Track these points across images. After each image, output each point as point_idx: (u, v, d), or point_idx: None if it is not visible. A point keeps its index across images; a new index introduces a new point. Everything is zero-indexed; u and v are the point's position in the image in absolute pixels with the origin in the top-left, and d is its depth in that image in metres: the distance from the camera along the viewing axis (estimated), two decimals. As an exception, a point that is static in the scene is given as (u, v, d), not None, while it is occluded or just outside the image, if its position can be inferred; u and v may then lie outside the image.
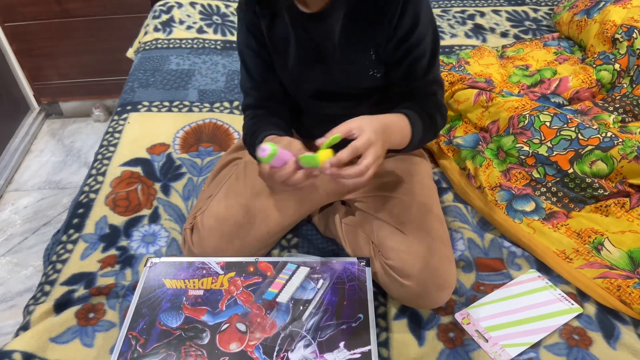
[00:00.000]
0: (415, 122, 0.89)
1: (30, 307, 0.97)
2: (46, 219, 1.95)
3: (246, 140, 1.01)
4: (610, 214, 1.07)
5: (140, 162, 1.30)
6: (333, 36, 0.91)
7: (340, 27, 0.90)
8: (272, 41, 0.95)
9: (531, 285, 1.01)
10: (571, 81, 1.35)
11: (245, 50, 0.98)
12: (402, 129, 0.88)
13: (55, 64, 2.31)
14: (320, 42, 0.92)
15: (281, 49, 0.95)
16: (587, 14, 1.54)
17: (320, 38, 0.92)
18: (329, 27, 0.90)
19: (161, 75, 1.62)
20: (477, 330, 0.93)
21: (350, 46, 0.92)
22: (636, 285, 0.94)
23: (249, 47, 0.97)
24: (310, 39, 0.92)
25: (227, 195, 1.01)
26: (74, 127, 2.46)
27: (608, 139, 1.10)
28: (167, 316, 0.88)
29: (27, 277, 1.73)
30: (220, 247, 0.98)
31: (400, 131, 0.87)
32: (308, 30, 0.92)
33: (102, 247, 1.08)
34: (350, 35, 0.91)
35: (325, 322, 0.87)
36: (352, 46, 0.92)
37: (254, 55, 0.98)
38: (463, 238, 1.10)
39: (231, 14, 1.91)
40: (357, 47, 0.92)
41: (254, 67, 0.99)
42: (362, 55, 0.92)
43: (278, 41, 0.95)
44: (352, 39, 0.91)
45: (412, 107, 0.91)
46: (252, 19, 0.94)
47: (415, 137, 0.89)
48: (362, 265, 0.97)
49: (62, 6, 2.12)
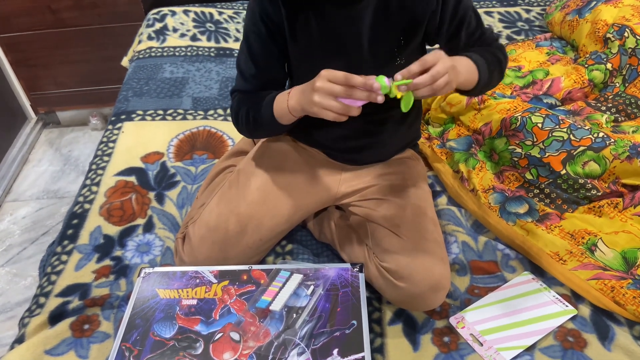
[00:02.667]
0: (478, 60, 0.89)
1: (25, 320, 0.97)
2: (45, 228, 1.96)
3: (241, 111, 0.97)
4: (604, 214, 1.07)
5: (134, 171, 1.30)
6: (361, 23, 0.89)
7: (373, 10, 0.88)
8: (293, 32, 0.92)
9: (525, 287, 1.01)
10: (563, 82, 1.35)
11: (251, 35, 0.94)
12: (467, 65, 0.87)
13: (52, 73, 2.32)
14: (347, 30, 0.90)
15: (303, 40, 0.92)
16: (579, 13, 1.54)
17: (347, 26, 0.90)
18: (358, 14, 0.88)
19: (155, 83, 1.62)
20: (471, 334, 0.93)
21: (379, 33, 0.90)
22: (630, 286, 0.94)
23: (257, 34, 0.93)
24: (336, 27, 0.90)
25: (219, 204, 1.01)
26: (72, 136, 2.47)
27: (600, 139, 1.10)
28: (160, 327, 0.88)
29: (26, 287, 1.73)
30: (212, 257, 0.98)
31: (466, 66, 0.87)
32: (334, 18, 0.89)
33: (96, 257, 1.08)
34: (381, 22, 0.89)
35: (318, 329, 0.87)
36: (381, 33, 0.90)
37: (261, 42, 0.93)
38: (457, 241, 1.11)
39: (224, 21, 1.92)
40: (386, 34, 0.90)
41: (259, 53, 0.94)
42: (391, 43, 0.91)
43: (300, 32, 0.91)
44: (382, 26, 0.90)
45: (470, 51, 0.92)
46: (268, 7, 0.90)
47: (482, 73, 0.88)
48: (355, 271, 0.97)
49: (57, 16, 2.13)
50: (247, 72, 0.96)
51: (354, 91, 0.76)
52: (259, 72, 0.96)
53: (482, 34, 0.96)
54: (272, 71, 0.97)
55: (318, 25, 0.90)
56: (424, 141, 1.31)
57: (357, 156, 1.06)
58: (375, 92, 0.76)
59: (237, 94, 1.00)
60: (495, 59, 0.94)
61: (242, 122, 0.97)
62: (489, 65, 0.91)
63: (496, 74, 0.95)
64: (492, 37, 0.99)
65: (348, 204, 1.08)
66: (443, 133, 1.33)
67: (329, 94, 0.77)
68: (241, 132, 1.02)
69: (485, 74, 0.89)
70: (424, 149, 1.30)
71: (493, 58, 0.93)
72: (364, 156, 1.07)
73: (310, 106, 0.79)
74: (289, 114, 0.87)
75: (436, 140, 1.31)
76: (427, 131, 1.36)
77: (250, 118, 0.95)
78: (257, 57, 0.95)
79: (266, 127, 0.95)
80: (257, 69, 0.95)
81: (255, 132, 1.03)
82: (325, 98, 0.77)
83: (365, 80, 0.75)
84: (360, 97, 0.77)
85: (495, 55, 0.95)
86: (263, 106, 0.92)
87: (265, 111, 0.91)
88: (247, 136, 1.08)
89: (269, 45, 0.94)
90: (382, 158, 1.09)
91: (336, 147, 1.06)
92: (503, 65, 0.97)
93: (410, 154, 1.13)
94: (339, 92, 0.76)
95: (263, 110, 0.92)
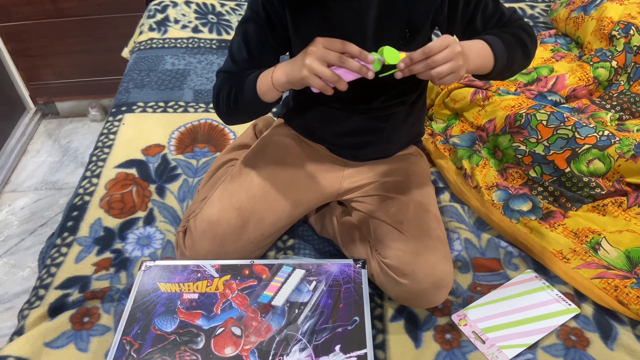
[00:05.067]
0: (494, 41, 0.84)
1: (24, 312, 0.96)
2: (43, 219, 1.94)
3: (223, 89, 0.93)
4: (608, 213, 1.06)
5: (135, 163, 1.29)
6: (366, 16, 0.88)
7: (378, 3, 0.87)
8: (296, 23, 0.91)
9: (528, 285, 1.00)
10: (568, 79, 1.34)
11: (250, 23, 0.92)
12: (480, 48, 0.83)
13: (51, 63, 2.30)
14: (351, 22, 0.89)
15: (306, 32, 0.90)
16: (584, 10, 1.53)
17: (352, 18, 0.88)
18: (363, 6, 0.87)
19: (156, 75, 1.61)
20: (474, 332, 0.93)
21: (384, 26, 0.89)
22: (634, 285, 0.94)
23: (256, 21, 0.91)
24: (340, 19, 0.89)
25: (221, 198, 1.00)
26: (71, 127, 2.45)
27: (605, 137, 1.09)
28: (161, 320, 0.87)
29: (24, 278, 1.72)
30: (213, 251, 0.97)
31: (478, 50, 0.82)
32: (338, 11, 0.88)
33: (96, 250, 1.08)
34: (385, 14, 0.88)
35: (320, 325, 0.87)
36: (386, 26, 0.89)
37: (259, 29, 0.92)
38: (460, 238, 1.10)
39: (226, 13, 1.90)
40: (391, 26, 0.89)
41: (255, 39, 0.92)
42: (396, 36, 0.90)
43: (303, 23, 0.90)
44: (387, 18, 0.88)
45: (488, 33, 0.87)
46: None
47: (497, 53, 0.83)
48: (358, 267, 0.96)
49: (57, 6, 2.11)
50: (238, 55, 0.94)
51: (347, 60, 0.75)
52: (250, 57, 0.93)
53: (502, 16, 0.91)
54: (263, 59, 0.94)
55: (321, 17, 0.89)
56: (427, 137, 1.30)
57: (360, 152, 1.06)
58: (367, 66, 0.75)
59: (222, 74, 0.96)
60: (516, 39, 0.88)
61: (222, 102, 0.94)
62: (508, 46, 0.85)
63: (519, 55, 0.89)
64: (515, 17, 0.93)
65: (350, 200, 1.07)
66: (446, 129, 1.32)
67: (322, 60, 0.75)
68: (219, 113, 0.97)
69: (503, 55, 0.84)
70: (427, 145, 1.29)
71: (513, 38, 0.87)
72: (367, 152, 1.06)
73: (300, 70, 0.77)
74: (272, 88, 0.85)
75: (439, 136, 1.30)
76: (430, 127, 1.35)
77: (231, 97, 0.91)
78: (251, 43, 0.93)
79: (248, 106, 0.91)
80: (248, 54, 0.93)
81: (233, 113, 0.95)
82: (317, 63, 0.75)
83: (362, 51, 0.75)
84: (353, 67, 0.75)
85: (516, 35, 0.89)
86: (246, 83, 0.89)
87: (248, 88, 0.88)
88: (224, 119, 0.99)
89: (266, 33, 0.92)
90: (386, 154, 1.08)
91: (339, 142, 1.05)
92: (528, 44, 0.90)
93: (414, 150, 1.13)
94: (332, 59, 0.75)
95: (246, 87, 0.88)
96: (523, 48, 0.89)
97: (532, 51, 0.92)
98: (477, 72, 0.86)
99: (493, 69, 0.85)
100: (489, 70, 0.86)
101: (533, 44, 0.92)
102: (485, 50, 0.83)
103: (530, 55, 0.93)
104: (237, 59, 0.94)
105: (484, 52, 0.83)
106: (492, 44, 0.84)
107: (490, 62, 0.84)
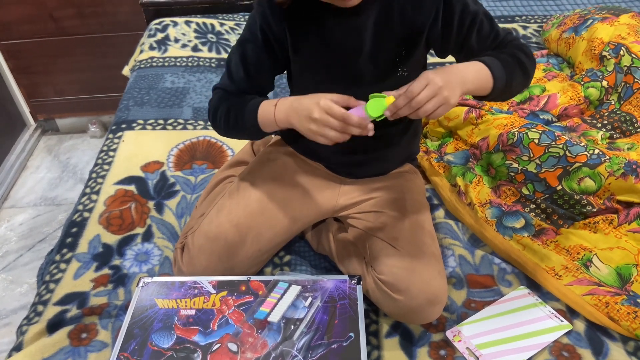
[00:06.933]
0: (492, 62, 0.85)
1: (23, 328, 0.97)
2: (42, 235, 1.96)
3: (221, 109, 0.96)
4: (599, 230, 1.08)
5: (134, 180, 1.31)
6: (362, 35, 0.90)
7: (374, 22, 0.89)
8: (295, 43, 0.92)
9: (521, 302, 1.02)
10: (559, 98, 1.37)
11: (248, 44, 0.94)
12: (478, 69, 0.85)
13: (52, 81, 2.33)
14: (349, 41, 0.91)
15: (304, 51, 0.93)
16: (575, 31, 1.56)
17: (349, 37, 0.90)
18: (360, 25, 0.89)
19: (156, 93, 1.63)
20: (467, 348, 0.94)
21: (381, 44, 0.91)
22: (624, 302, 0.95)
23: (254, 43, 0.93)
24: (337, 38, 0.91)
25: (219, 214, 1.02)
26: (70, 144, 2.47)
27: (595, 156, 1.11)
28: (158, 336, 0.88)
29: (22, 294, 1.73)
30: (210, 267, 0.99)
31: (474, 71, 0.84)
32: (335, 30, 0.90)
33: (95, 266, 1.09)
34: (382, 33, 0.90)
35: (316, 341, 0.88)
36: (383, 44, 0.91)
37: (257, 51, 0.94)
38: (454, 255, 1.11)
39: (226, 32, 1.93)
40: (388, 44, 0.91)
41: (253, 60, 0.95)
42: (393, 54, 0.91)
43: (301, 43, 0.92)
44: (383, 36, 0.90)
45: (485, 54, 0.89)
46: (270, 18, 0.90)
47: (496, 74, 0.85)
48: (353, 283, 0.98)
49: (58, 24, 2.15)
50: (235, 75, 0.96)
51: (348, 128, 0.80)
52: (248, 78, 0.96)
53: (497, 36, 0.92)
54: (260, 80, 0.98)
55: (319, 36, 0.92)
56: (422, 154, 1.33)
57: (357, 170, 1.08)
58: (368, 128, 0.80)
59: (219, 91, 0.99)
60: (514, 59, 0.89)
61: (219, 120, 0.96)
62: (506, 66, 0.87)
63: (518, 75, 0.90)
64: (510, 38, 0.94)
65: (346, 216, 1.09)
66: (441, 147, 1.34)
67: (326, 126, 0.80)
68: (216, 129, 1.00)
69: (502, 75, 0.85)
70: (421, 162, 1.31)
71: (511, 58, 0.89)
72: (363, 170, 1.08)
73: (306, 132, 0.84)
74: (275, 124, 0.89)
75: (434, 153, 1.32)
76: (425, 144, 1.37)
77: (230, 119, 0.94)
78: (249, 65, 0.95)
79: (247, 131, 0.95)
80: (246, 74, 0.96)
81: (232, 133, 1.00)
82: (322, 128, 0.81)
83: (361, 121, 0.80)
84: (354, 132, 0.81)
85: (514, 56, 0.89)
86: (246, 111, 0.92)
87: (249, 117, 0.92)
88: (222, 134, 1.02)
89: (264, 56, 0.94)
90: (381, 172, 1.10)
91: (336, 161, 1.07)
92: (527, 64, 0.91)
93: (409, 167, 1.15)
94: (335, 126, 0.80)
95: (246, 115, 0.92)
96: (522, 67, 0.90)
97: (530, 71, 0.93)
98: (476, 93, 0.87)
99: (493, 89, 0.86)
100: (488, 92, 0.87)
101: (532, 64, 0.93)
102: (483, 72, 0.85)
103: (530, 75, 0.94)
104: (235, 78, 0.96)
105: (482, 73, 0.85)
106: (490, 64, 0.85)
107: (489, 83, 0.85)
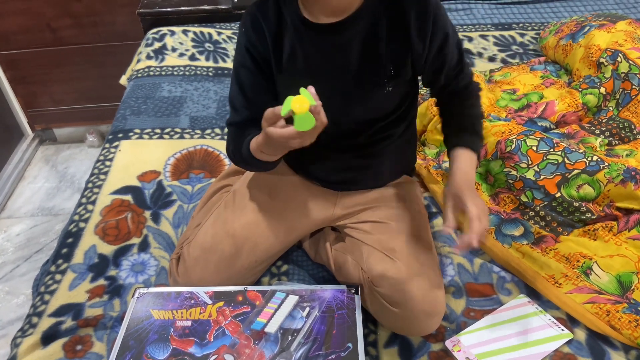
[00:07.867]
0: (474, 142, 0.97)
1: (17, 340, 0.96)
2: (39, 246, 1.95)
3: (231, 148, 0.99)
4: (599, 237, 1.07)
5: (130, 190, 1.30)
6: (349, 53, 0.89)
7: (360, 42, 0.89)
8: (279, 61, 0.92)
9: (521, 310, 1.01)
10: (557, 105, 1.36)
11: (240, 69, 0.95)
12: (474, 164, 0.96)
13: (49, 90, 2.33)
14: (334, 58, 0.90)
15: (289, 69, 0.92)
16: (573, 38, 1.56)
17: (335, 54, 0.90)
18: (346, 43, 0.89)
19: (153, 102, 1.63)
20: (467, 358, 0.92)
21: (368, 63, 0.90)
22: (625, 310, 0.94)
23: (245, 67, 0.94)
24: (323, 55, 0.91)
25: (215, 224, 1.01)
26: (68, 153, 2.47)
27: (594, 162, 1.11)
28: (154, 348, 0.87)
29: (18, 305, 1.71)
30: (206, 278, 0.98)
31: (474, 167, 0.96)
32: (320, 47, 0.90)
33: (90, 277, 1.08)
34: (369, 52, 0.89)
35: (314, 352, 0.87)
36: (370, 63, 0.90)
37: (250, 74, 0.94)
38: (453, 263, 1.10)
39: (223, 41, 1.94)
40: (376, 64, 0.90)
41: (248, 85, 0.95)
42: (380, 73, 0.91)
43: (287, 61, 0.92)
44: (371, 55, 0.90)
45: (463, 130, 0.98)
46: (253, 37, 0.91)
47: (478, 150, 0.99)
48: (351, 293, 0.97)
49: (56, 34, 2.15)
50: (237, 103, 0.97)
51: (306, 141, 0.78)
52: (248, 102, 0.96)
53: (460, 71, 0.99)
54: (259, 102, 0.95)
55: (304, 53, 0.91)
56: (420, 162, 1.32)
57: (351, 186, 1.07)
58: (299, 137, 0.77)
59: (229, 129, 1.00)
60: (478, 121, 1.01)
61: (234, 157, 0.99)
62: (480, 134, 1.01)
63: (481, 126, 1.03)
64: (467, 75, 1.01)
65: (343, 226, 1.08)
66: (439, 154, 1.33)
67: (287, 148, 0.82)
68: (235, 164, 1.03)
69: (480, 145, 1.00)
70: (419, 170, 1.31)
71: (478, 122, 1.01)
72: (357, 186, 1.07)
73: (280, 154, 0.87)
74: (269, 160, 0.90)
75: (432, 161, 1.32)
76: (423, 152, 1.37)
77: (239, 158, 0.97)
78: (246, 89, 0.96)
79: (256, 167, 0.99)
80: (245, 99, 0.96)
81: (254, 169, 1.06)
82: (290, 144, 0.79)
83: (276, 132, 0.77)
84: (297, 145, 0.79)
85: (478, 117, 1.02)
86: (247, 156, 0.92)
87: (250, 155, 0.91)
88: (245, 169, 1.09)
89: (257, 77, 0.94)
90: (378, 185, 1.09)
91: (328, 179, 1.06)
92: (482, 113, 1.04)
93: (406, 177, 1.14)
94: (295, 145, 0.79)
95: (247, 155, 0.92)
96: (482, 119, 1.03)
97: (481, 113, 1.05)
98: None
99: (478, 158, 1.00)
100: None
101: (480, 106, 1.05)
102: (474, 160, 0.96)
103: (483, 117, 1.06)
104: (237, 107, 0.97)
105: (474, 161, 0.96)
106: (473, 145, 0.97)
107: (476, 160, 0.98)
